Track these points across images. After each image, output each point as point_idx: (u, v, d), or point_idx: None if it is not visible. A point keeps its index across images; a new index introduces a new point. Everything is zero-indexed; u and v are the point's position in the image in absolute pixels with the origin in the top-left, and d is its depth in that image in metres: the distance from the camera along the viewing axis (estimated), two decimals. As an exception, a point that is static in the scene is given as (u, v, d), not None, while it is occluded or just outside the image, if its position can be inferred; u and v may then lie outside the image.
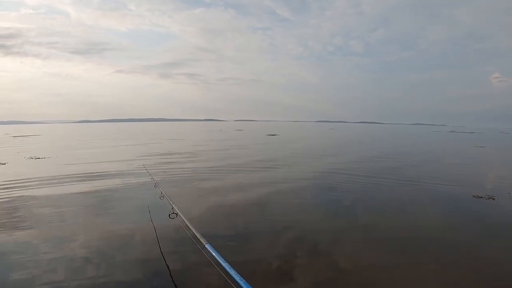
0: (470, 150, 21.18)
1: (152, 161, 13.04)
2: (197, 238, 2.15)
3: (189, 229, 2.33)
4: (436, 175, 10.21)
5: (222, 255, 1.86)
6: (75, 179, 8.89)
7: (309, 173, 10.27)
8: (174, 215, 2.95)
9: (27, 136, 36.65)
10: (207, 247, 2.01)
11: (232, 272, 1.76)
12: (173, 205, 2.99)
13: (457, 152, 19.76)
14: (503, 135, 51.44)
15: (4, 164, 12.08)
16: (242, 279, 1.69)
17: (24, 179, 8.89)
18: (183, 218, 2.54)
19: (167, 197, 3.48)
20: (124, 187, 7.88)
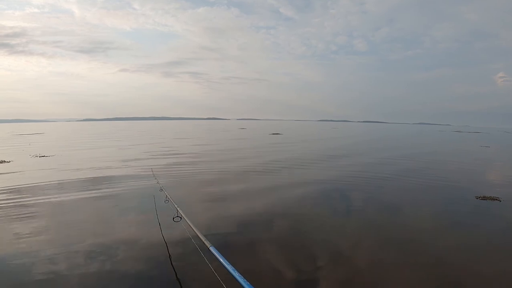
0: (476, 150, 20.99)
1: (158, 161, 13.09)
2: (201, 241, 2.15)
3: (193, 232, 2.34)
4: (443, 174, 10.16)
5: (226, 258, 1.86)
6: (79, 179, 8.95)
7: (315, 176, 10.25)
8: (178, 218, 2.97)
9: (32, 134, 36.97)
10: (211, 249, 2.01)
11: (236, 275, 1.76)
12: (177, 208, 3.00)
13: (463, 152, 19.58)
14: (509, 135, 50.88)
15: (9, 162, 12.20)
16: (246, 281, 1.69)
17: (28, 177, 8.97)
18: (187, 221, 2.55)
19: (171, 200, 3.50)
20: (129, 190, 7.86)
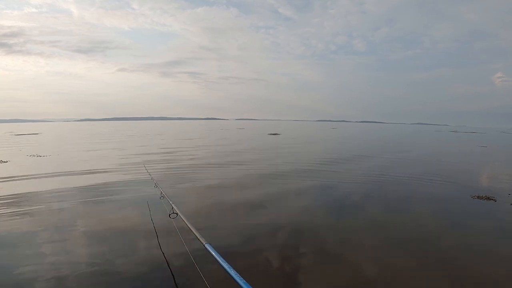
0: (473, 150, 21.10)
1: (156, 166, 13.07)
2: (197, 238, 2.15)
3: (189, 229, 2.34)
4: (439, 174, 10.19)
5: (221, 255, 1.86)
6: (73, 176, 8.94)
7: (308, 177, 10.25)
8: (174, 215, 2.96)
9: (29, 134, 36.79)
10: (207, 247, 2.01)
11: (232, 272, 1.76)
12: (172, 205, 3.00)
13: (460, 152, 19.68)
14: (505, 135, 51.16)
15: (6, 162, 12.15)
16: (242, 279, 1.69)
17: (25, 176, 8.94)
18: (183, 218, 2.55)
19: (166, 196, 3.49)
20: (124, 187, 7.90)
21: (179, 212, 2.74)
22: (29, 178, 8.85)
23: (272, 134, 36.97)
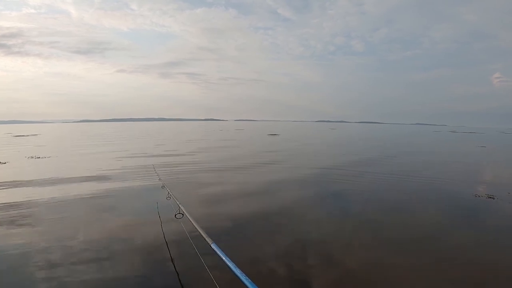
0: (472, 150, 21.15)
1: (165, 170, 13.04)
2: (202, 238, 2.15)
3: (195, 229, 2.34)
4: (439, 174, 10.22)
5: (227, 255, 1.87)
6: (79, 179, 8.91)
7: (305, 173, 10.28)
8: (180, 215, 2.97)
9: (28, 136, 36.68)
10: (213, 246, 2.01)
11: (237, 272, 1.77)
12: (179, 205, 3.00)
13: (459, 152, 19.73)
14: (504, 135, 51.32)
15: (5, 163, 12.11)
16: (248, 279, 1.69)
17: (24, 178, 8.91)
18: (189, 218, 2.55)
19: (173, 197, 3.50)
20: (130, 188, 7.89)
21: (185, 212, 2.75)
22: (27, 180, 8.82)
23: (271, 135, 36.99)
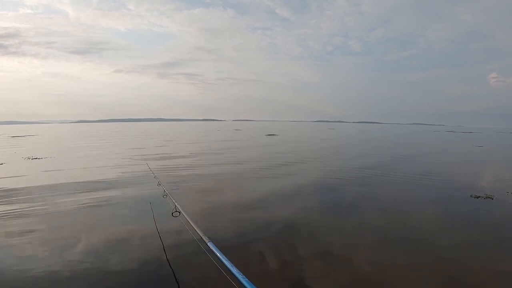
0: (470, 150, 21.26)
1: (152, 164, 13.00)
2: (199, 237, 2.15)
3: (191, 228, 2.33)
4: (437, 174, 10.25)
5: (224, 253, 1.86)
6: (75, 178, 8.86)
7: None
8: (176, 214, 2.96)
9: (25, 136, 36.47)
10: (210, 245, 2.01)
11: (234, 271, 1.77)
12: (175, 203, 2.99)
13: (457, 152, 19.82)
14: (501, 135, 51.60)
15: (1, 164, 12.04)
16: (244, 277, 1.69)
17: (21, 179, 8.86)
18: (185, 217, 2.54)
19: (170, 195, 3.49)
20: (126, 186, 7.87)
21: (181, 211, 2.74)
22: (24, 181, 8.78)
23: (270, 135, 36.99)
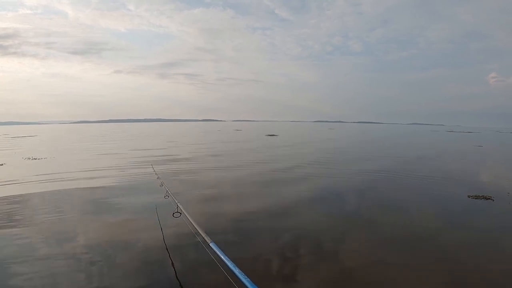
0: (469, 150, 21.27)
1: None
2: (201, 237, 2.15)
3: (194, 228, 2.34)
4: (436, 174, 10.25)
5: (226, 254, 1.86)
6: (73, 178, 8.87)
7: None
8: (178, 214, 2.96)
9: (25, 137, 36.42)
10: (212, 245, 2.01)
11: (236, 271, 1.77)
12: (178, 204, 2.99)
13: (456, 152, 19.83)
14: (501, 135, 51.63)
15: (2, 165, 12.03)
16: (246, 278, 1.69)
17: (20, 179, 8.86)
18: (188, 217, 2.54)
19: (172, 196, 3.49)
20: (129, 186, 7.88)
21: (183, 211, 2.74)
22: (25, 182, 8.77)
23: (270, 135, 36.99)
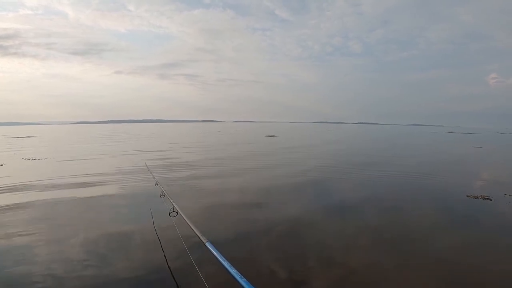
0: (468, 151, 21.27)
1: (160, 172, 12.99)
2: (197, 237, 2.14)
3: (189, 228, 2.33)
4: (436, 174, 10.26)
5: (222, 253, 1.86)
6: (73, 178, 8.87)
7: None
8: (174, 214, 2.95)
9: (24, 137, 36.41)
10: (208, 245, 2.00)
11: (232, 271, 1.76)
12: (173, 203, 2.98)
13: (455, 153, 19.83)
14: (500, 136, 51.63)
15: (1, 165, 12.04)
16: (242, 278, 1.68)
17: (20, 180, 8.86)
18: (183, 217, 2.54)
19: (167, 195, 3.48)
20: (124, 186, 7.88)
21: (179, 211, 2.73)
22: (25, 182, 8.77)
23: (270, 136, 37.02)
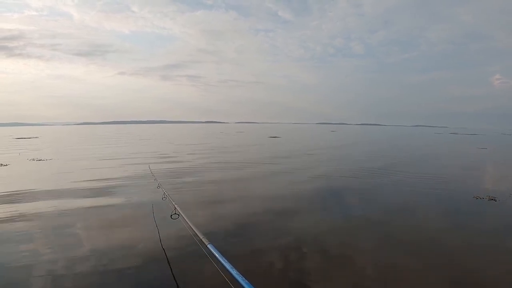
0: (473, 152, 21.09)
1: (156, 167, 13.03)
2: (199, 239, 2.14)
3: (191, 230, 2.33)
4: (440, 175, 10.19)
5: (224, 255, 1.86)
6: (76, 180, 8.92)
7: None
8: (176, 216, 2.96)
9: (29, 138, 36.74)
10: (210, 247, 2.00)
11: (234, 273, 1.76)
12: (175, 206, 2.99)
13: (460, 154, 19.68)
14: (505, 137, 51.13)
15: (7, 165, 12.17)
16: (244, 279, 1.68)
17: (26, 180, 8.92)
18: (185, 219, 2.54)
19: (169, 197, 3.49)
20: (127, 188, 7.90)
21: (181, 213, 2.74)
22: (28, 182, 8.84)
23: (272, 137, 36.99)
